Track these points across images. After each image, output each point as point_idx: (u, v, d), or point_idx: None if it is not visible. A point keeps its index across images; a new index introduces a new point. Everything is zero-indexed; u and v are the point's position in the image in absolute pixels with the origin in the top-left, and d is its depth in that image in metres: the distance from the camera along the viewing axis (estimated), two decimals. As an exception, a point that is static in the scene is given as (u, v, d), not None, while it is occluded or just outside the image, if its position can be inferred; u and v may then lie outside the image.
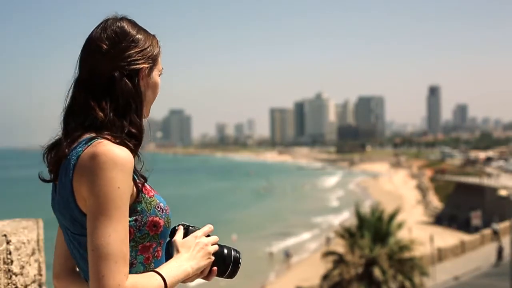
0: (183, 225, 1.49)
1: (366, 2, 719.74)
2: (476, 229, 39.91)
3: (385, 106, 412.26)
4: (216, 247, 1.47)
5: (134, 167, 1.31)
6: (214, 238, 1.47)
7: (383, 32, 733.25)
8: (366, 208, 29.27)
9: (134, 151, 1.32)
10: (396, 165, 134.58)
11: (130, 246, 1.27)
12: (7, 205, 58.42)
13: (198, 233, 1.45)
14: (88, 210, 1.22)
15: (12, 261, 2.11)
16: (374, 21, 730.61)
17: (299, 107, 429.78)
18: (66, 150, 1.30)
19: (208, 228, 1.47)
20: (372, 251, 20.95)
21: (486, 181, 56.54)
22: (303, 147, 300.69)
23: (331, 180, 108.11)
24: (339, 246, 23.12)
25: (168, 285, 1.28)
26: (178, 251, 1.39)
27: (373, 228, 22.03)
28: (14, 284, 2.11)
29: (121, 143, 1.28)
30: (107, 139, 1.27)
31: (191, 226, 1.49)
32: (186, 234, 1.46)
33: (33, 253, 2.28)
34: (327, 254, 22.62)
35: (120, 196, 1.21)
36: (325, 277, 21.69)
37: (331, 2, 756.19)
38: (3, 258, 2.07)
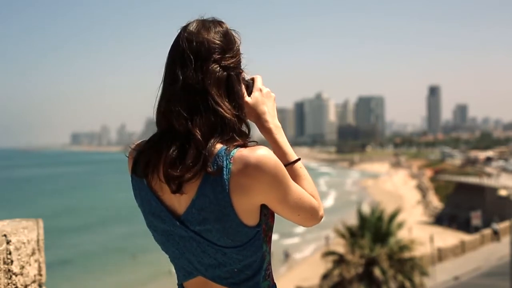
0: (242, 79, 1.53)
1: (366, 2, 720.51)
2: (476, 229, 39.91)
3: (385, 106, 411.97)
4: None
5: None
6: (261, 80, 1.55)
7: (383, 32, 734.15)
8: (366, 208, 29.25)
9: None
10: (396, 165, 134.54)
11: (264, 241, 1.39)
12: (7, 205, 58.48)
13: (259, 85, 1.53)
14: (278, 201, 1.35)
15: (12, 261, 2.11)
16: (374, 21, 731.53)
17: (299, 107, 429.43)
18: (209, 167, 1.28)
19: (260, 78, 1.56)
20: (372, 251, 20.96)
21: (486, 181, 56.54)
22: (303, 147, 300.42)
23: (336, 180, 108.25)
24: (339, 246, 23.13)
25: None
26: (261, 118, 1.50)
27: (373, 228, 22.04)
28: (14, 284, 2.11)
29: (248, 145, 1.35)
30: (239, 145, 1.32)
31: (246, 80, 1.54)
32: (246, 88, 1.51)
33: (33, 253, 2.28)
34: (327, 254, 22.63)
35: (287, 173, 1.35)
36: (325, 277, 21.71)
37: (331, 2, 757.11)
38: (3, 258, 2.07)
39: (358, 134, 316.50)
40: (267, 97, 1.52)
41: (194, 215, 1.32)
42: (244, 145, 1.33)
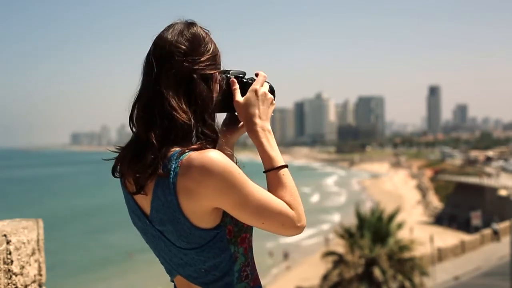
0: (236, 78, 1.48)
1: (366, 2, 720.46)
2: (476, 229, 39.91)
3: (385, 106, 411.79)
4: (267, 87, 1.51)
5: None
6: (262, 79, 1.50)
7: (383, 32, 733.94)
8: (366, 208, 29.23)
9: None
10: (396, 165, 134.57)
11: (232, 242, 1.36)
12: (7, 205, 58.50)
13: (257, 85, 1.48)
14: (232, 207, 1.31)
15: (12, 261, 2.11)
16: (374, 21, 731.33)
17: (299, 107, 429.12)
18: (160, 168, 1.29)
19: (262, 77, 1.51)
20: (372, 251, 20.94)
21: (486, 181, 56.53)
22: (303, 147, 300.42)
23: (335, 180, 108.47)
24: (339, 246, 23.11)
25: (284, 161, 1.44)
26: (250, 120, 1.46)
27: (373, 228, 22.02)
28: (14, 284, 2.11)
29: (204, 148, 1.32)
30: (194, 149, 1.30)
31: (244, 78, 1.50)
32: (242, 88, 1.48)
33: (33, 253, 2.28)
34: (327, 254, 22.60)
35: (243, 177, 1.30)
36: (325, 277, 21.69)
37: (331, 2, 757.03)
38: (3, 258, 2.07)
39: (358, 134, 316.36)
40: (262, 99, 1.48)
41: (155, 216, 1.34)
42: (201, 148, 1.31)
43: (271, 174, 1.41)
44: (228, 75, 1.48)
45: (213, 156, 1.28)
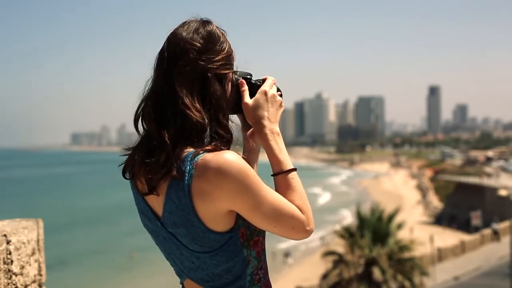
0: (245, 79, 1.47)
1: (366, 2, 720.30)
2: (476, 229, 39.91)
3: (385, 106, 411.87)
4: (275, 89, 1.51)
5: None
6: (271, 82, 1.50)
7: (384, 32, 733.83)
8: (366, 208, 29.22)
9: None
10: (396, 165, 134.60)
11: (245, 246, 1.35)
12: (7, 205, 58.50)
13: (266, 87, 1.47)
14: (247, 210, 1.29)
15: (12, 261, 2.11)
16: (374, 21, 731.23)
17: (299, 107, 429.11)
18: (174, 170, 1.26)
19: (271, 80, 1.50)
20: (372, 251, 20.92)
21: (486, 181, 56.53)
22: (303, 147, 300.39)
23: (335, 180, 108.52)
24: (339, 246, 23.10)
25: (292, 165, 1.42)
26: (259, 122, 1.44)
27: (373, 228, 22.00)
28: (14, 284, 2.11)
29: (219, 149, 1.29)
30: (208, 150, 1.28)
31: (253, 80, 1.49)
32: (250, 89, 1.47)
33: (33, 253, 2.28)
34: (327, 254, 22.59)
35: (258, 180, 1.29)
36: (325, 277, 21.67)
37: (331, 2, 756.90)
38: (3, 258, 2.07)
39: (358, 134, 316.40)
40: (271, 101, 1.46)
41: (167, 218, 1.32)
42: (215, 149, 1.28)
43: (280, 178, 1.39)
44: (236, 76, 1.46)
45: (229, 157, 1.25)
